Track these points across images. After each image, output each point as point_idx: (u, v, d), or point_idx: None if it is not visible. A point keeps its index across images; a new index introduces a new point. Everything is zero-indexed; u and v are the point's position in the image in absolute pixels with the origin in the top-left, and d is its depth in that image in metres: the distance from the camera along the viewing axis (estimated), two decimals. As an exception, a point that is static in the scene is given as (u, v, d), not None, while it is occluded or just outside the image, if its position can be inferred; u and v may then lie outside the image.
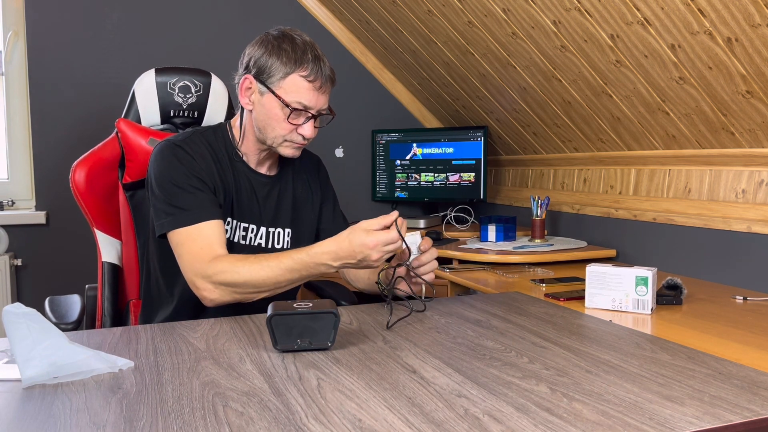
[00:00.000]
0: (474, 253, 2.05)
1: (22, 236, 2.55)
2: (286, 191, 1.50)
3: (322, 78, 1.33)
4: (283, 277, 1.25)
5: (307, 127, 1.36)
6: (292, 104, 1.33)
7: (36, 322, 0.92)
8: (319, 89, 1.34)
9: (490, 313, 1.30)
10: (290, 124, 1.35)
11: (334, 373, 0.94)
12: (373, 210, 3.06)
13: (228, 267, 1.26)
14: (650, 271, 1.33)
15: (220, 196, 1.38)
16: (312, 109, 1.35)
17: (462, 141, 2.76)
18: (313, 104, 1.34)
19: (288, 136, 1.37)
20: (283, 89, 1.33)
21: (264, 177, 1.47)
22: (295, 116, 1.34)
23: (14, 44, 2.57)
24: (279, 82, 1.33)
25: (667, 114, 1.80)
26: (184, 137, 1.40)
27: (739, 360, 1.00)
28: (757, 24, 1.35)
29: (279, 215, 1.48)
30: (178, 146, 1.37)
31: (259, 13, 2.83)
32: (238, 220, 1.43)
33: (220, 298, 1.28)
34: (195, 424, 0.76)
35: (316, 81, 1.33)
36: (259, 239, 1.45)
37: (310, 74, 1.32)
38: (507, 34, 2.03)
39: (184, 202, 1.32)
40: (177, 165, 1.35)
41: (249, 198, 1.44)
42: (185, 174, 1.34)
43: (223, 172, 1.41)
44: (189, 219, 1.31)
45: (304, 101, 1.33)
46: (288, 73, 1.32)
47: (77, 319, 1.52)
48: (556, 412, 0.79)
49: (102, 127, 2.12)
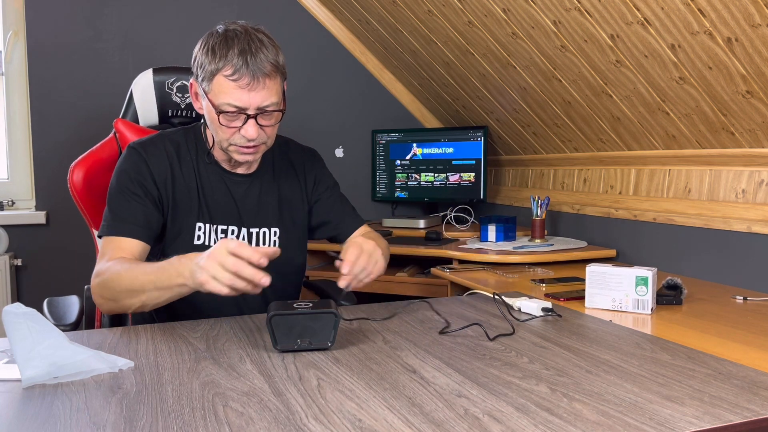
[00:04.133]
0: (474, 253, 2.05)
1: (22, 236, 2.55)
2: (270, 189, 1.44)
3: (249, 74, 1.20)
4: (147, 277, 1.14)
5: (248, 127, 1.25)
6: (221, 107, 1.23)
7: (36, 322, 0.92)
8: (248, 86, 1.21)
9: (490, 313, 1.30)
10: (227, 128, 1.26)
11: (334, 373, 0.94)
12: (373, 210, 3.06)
13: (111, 267, 1.19)
14: (650, 271, 1.33)
15: (168, 203, 1.35)
16: (247, 109, 1.23)
17: (462, 141, 2.76)
18: (245, 104, 1.23)
19: (231, 139, 1.28)
20: (213, 91, 1.24)
21: (239, 176, 1.41)
22: (229, 119, 1.25)
23: (14, 44, 2.57)
24: (208, 84, 1.24)
25: (667, 114, 1.80)
26: (148, 139, 1.39)
27: (739, 360, 1.00)
28: (757, 24, 1.35)
29: (261, 214, 1.43)
30: (134, 149, 1.36)
31: (259, 13, 2.83)
32: (213, 223, 1.39)
33: (102, 303, 1.22)
34: (195, 424, 0.76)
35: (241, 79, 1.21)
36: (243, 241, 1.41)
37: (233, 72, 1.21)
38: (507, 34, 2.03)
39: (119, 209, 1.31)
40: (126, 169, 1.34)
41: (224, 199, 1.40)
42: (130, 180, 1.32)
43: (185, 175, 1.37)
44: (114, 230, 1.29)
45: (233, 101, 1.22)
46: (214, 74, 1.23)
47: (75, 320, 1.52)
48: (556, 412, 0.79)
49: (102, 127, 2.12)
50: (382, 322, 1.23)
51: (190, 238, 1.38)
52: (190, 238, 1.38)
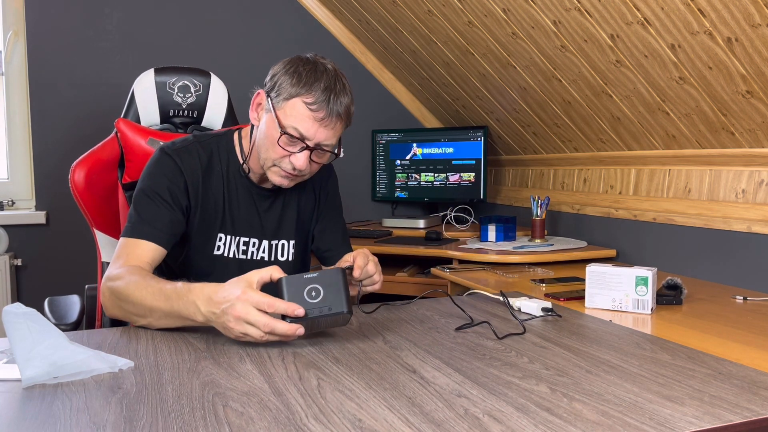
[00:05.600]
0: (474, 253, 2.05)
1: (22, 236, 2.55)
2: (291, 202, 1.46)
3: (326, 110, 1.23)
4: (156, 302, 1.12)
5: (300, 157, 1.26)
6: (287, 128, 1.24)
7: (36, 322, 0.92)
8: (321, 121, 1.24)
9: (491, 312, 1.30)
10: (282, 149, 1.27)
11: (334, 373, 0.94)
12: (373, 210, 3.06)
13: (125, 275, 1.18)
14: (650, 271, 1.33)
15: (196, 213, 1.35)
16: (309, 140, 1.26)
17: (462, 141, 2.76)
18: (310, 135, 1.25)
19: (278, 161, 1.29)
20: (284, 111, 1.25)
21: (266, 191, 1.42)
22: (288, 142, 1.26)
23: (14, 44, 2.57)
24: (283, 103, 1.25)
25: (667, 114, 1.80)
26: (181, 145, 1.38)
27: (739, 360, 1.00)
28: (757, 24, 1.35)
29: (282, 227, 1.45)
30: (167, 154, 1.35)
31: (259, 13, 2.83)
32: (235, 235, 1.40)
33: (110, 308, 1.21)
34: (195, 424, 0.76)
35: (319, 111, 1.23)
36: (262, 253, 1.43)
37: (314, 102, 1.23)
38: (507, 34, 2.03)
39: (145, 212, 1.30)
40: (157, 173, 1.33)
41: (248, 211, 1.41)
42: (161, 186, 1.32)
43: (213, 185, 1.37)
44: (138, 233, 1.28)
45: (300, 128, 1.24)
46: (292, 96, 1.24)
47: (76, 320, 1.53)
48: (556, 412, 0.79)
49: (102, 127, 2.12)
50: (382, 323, 1.23)
51: (210, 249, 1.39)
52: (210, 249, 1.39)
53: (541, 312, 1.27)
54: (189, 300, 1.07)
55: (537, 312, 1.27)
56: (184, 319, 1.10)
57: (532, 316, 1.27)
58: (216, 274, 1.38)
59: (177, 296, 1.09)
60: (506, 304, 1.31)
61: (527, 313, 1.28)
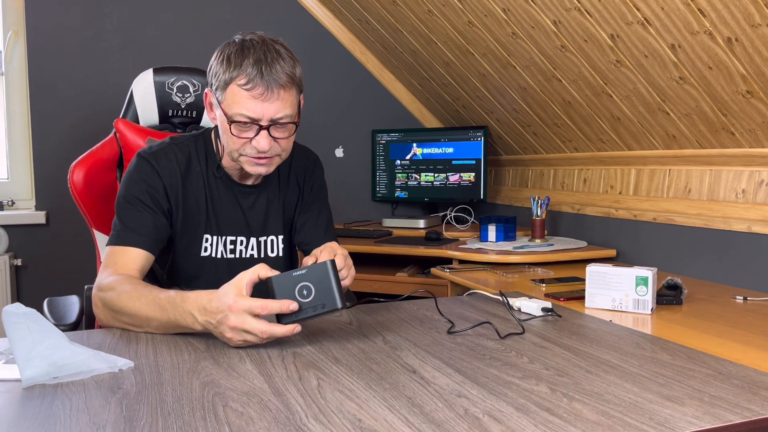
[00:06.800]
0: (474, 253, 2.05)
1: (22, 236, 2.55)
2: (275, 197, 1.44)
3: (263, 84, 1.18)
4: (152, 312, 1.11)
5: (260, 139, 1.22)
6: (233, 117, 1.21)
7: (36, 322, 0.92)
8: (262, 96, 1.19)
9: (491, 312, 1.30)
10: (239, 138, 1.23)
11: (334, 373, 0.94)
12: (373, 210, 3.06)
13: (116, 285, 1.17)
14: (650, 271, 1.33)
15: (178, 216, 1.34)
16: (259, 120, 1.21)
17: (462, 141, 2.76)
18: (258, 115, 1.20)
19: (242, 150, 1.25)
20: (226, 101, 1.22)
21: (247, 187, 1.40)
22: (241, 129, 1.23)
23: (14, 44, 2.57)
24: (222, 93, 1.22)
25: (667, 114, 1.80)
26: (158, 148, 1.36)
27: (739, 360, 1.00)
28: (757, 24, 1.35)
29: (268, 222, 1.43)
30: (144, 159, 1.33)
31: (259, 13, 2.83)
32: (221, 235, 1.39)
33: (104, 319, 1.20)
34: (195, 424, 0.76)
35: (255, 88, 1.19)
36: (251, 251, 1.42)
37: (248, 81, 1.18)
38: (507, 34, 2.03)
39: (128, 219, 1.29)
40: (137, 179, 1.32)
41: (232, 210, 1.39)
42: (141, 191, 1.31)
43: (193, 186, 1.36)
44: (124, 240, 1.27)
45: (245, 112, 1.20)
46: (228, 83, 1.20)
47: (76, 320, 1.52)
48: (556, 412, 0.79)
49: (102, 127, 2.12)
50: (382, 323, 1.23)
51: (197, 250, 1.38)
52: (197, 250, 1.38)
53: (541, 312, 1.27)
54: (185, 310, 1.07)
55: (537, 312, 1.27)
56: (183, 328, 1.10)
57: (532, 316, 1.27)
58: (206, 276, 1.38)
59: (172, 306, 1.09)
60: (506, 304, 1.31)
61: (527, 313, 1.28)
